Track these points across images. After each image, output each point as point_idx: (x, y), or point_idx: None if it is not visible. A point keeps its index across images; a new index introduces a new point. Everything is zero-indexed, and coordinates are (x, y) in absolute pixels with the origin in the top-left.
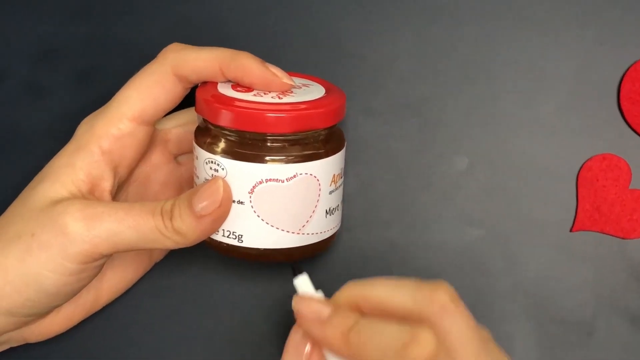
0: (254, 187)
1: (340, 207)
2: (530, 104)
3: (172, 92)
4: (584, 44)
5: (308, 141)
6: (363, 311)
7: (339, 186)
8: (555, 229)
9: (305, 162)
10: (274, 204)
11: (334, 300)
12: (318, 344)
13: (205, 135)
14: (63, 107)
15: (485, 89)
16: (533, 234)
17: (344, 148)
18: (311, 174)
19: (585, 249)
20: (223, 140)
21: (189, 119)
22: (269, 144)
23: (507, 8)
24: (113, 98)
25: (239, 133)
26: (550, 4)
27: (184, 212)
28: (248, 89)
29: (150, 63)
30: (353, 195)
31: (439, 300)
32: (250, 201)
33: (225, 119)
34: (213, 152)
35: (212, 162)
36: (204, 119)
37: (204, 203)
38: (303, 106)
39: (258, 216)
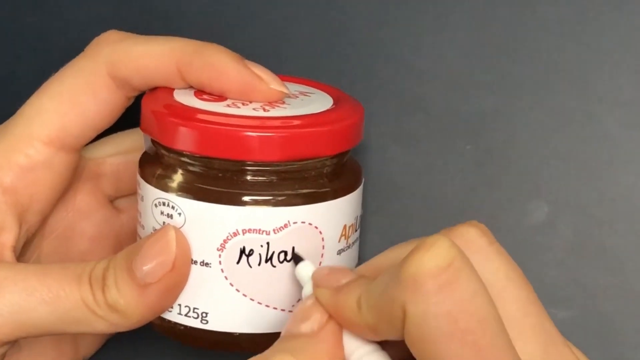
0: (225, 241)
1: None
2: None
3: (107, 102)
4: None
5: (307, 175)
6: None
7: (353, 244)
8: None
9: (302, 206)
10: (255, 268)
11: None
12: (334, 320)
13: (155, 165)
14: None
15: (573, 102)
16: None
17: (361, 187)
18: (310, 224)
19: None
20: (180, 171)
21: (132, 144)
22: (248, 178)
23: None
24: (18, 111)
25: (204, 161)
26: None
27: (122, 278)
28: (219, 97)
29: (75, 60)
30: None
31: (462, 234)
32: (220, 262)
33: (183, 140)
34: (166, 189)
35: (163, 203)
36: (152, 141)
37: (149, 265)
38: (298, 122)
39: (231, 285)
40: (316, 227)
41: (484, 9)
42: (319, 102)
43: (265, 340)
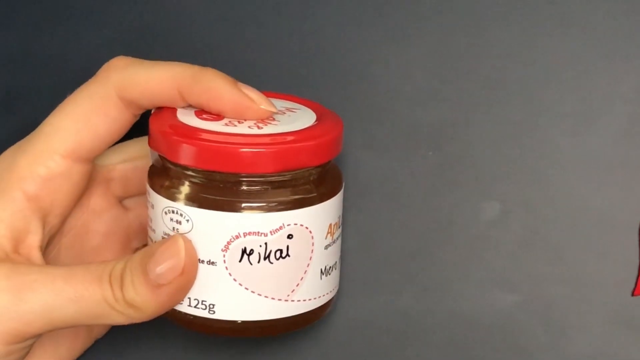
0: (228, 243)
1: (338, 266)
2: (581, 132)
3: (116, 120)
4: None
5: (296, 183)
6: None
7: (337, 239)
8: (612, 293)
9: (293, 210)
10: (255, 264)
11: None
12: None
13: (163, 177)
14: None
15: (521, 114)
16: (584, 300)
17: (342, 191)
18: (301, 225)
19: None
20: (186, 183)
21: (138, 152)
22: (245, 188)
23: (549, 8)
24: (39, 128)
25: (206, 174)
26: (608, 5)
27: (138, 279)
28: (217, 116)
29: (87, 83)
30: (354, 251)
31: None
32: (224, 261)
33: (187, 155)
34: (174, 198)
35: (173, 211)
36: (160, 156)
37: (161, 269)
38: (288, 138)
39: (234, 280)
40: (306, 228)
41: (444, 35)
42: (304, 118)
43: (265, 325)
